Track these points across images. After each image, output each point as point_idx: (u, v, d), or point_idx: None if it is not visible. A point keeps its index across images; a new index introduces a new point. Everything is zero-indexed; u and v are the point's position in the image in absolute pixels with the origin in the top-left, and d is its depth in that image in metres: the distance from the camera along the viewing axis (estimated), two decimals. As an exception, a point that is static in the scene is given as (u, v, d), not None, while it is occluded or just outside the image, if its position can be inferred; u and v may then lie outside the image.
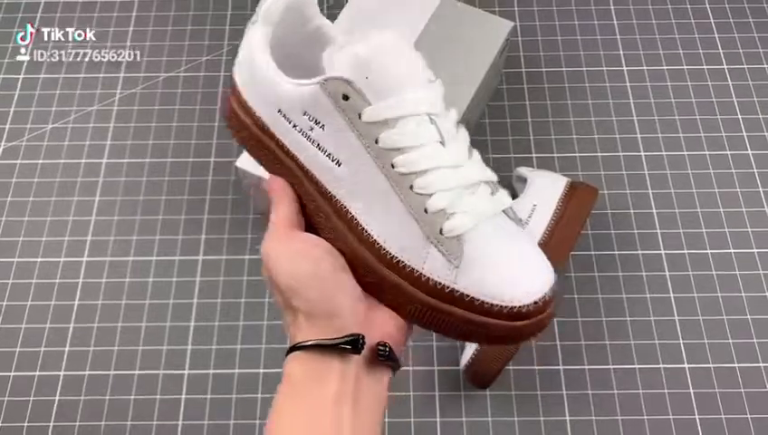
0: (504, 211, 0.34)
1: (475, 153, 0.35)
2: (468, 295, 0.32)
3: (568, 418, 0.59)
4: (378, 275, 0.34)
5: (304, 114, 0.34)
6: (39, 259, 0.66)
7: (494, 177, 0.35)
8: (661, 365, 0.61)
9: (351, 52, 0.33)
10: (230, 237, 0.67)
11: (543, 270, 0.33)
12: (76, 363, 0.61)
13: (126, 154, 0.72)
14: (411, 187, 0.32)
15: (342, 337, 0.32)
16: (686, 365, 0.61)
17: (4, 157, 0.71)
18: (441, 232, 0.32)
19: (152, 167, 0.71)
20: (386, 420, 0.58)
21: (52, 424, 0.59)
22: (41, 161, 0.71)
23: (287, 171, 0.38)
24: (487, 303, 0.32)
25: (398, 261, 0.33)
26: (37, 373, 0.61)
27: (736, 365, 0.61)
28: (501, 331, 0.32)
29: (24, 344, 0.62)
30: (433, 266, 0.32)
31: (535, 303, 0.32)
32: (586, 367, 0.61)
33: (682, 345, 0.62)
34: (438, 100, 0.34)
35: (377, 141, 0.33)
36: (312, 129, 0.34)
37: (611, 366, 0.61)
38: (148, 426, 0.59)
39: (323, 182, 0.35)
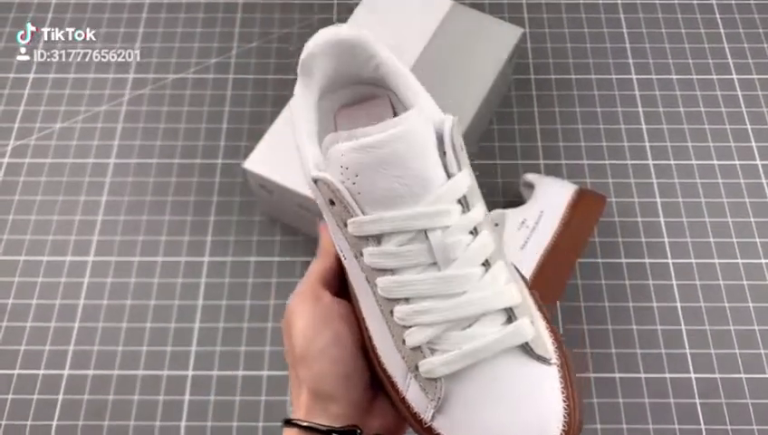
0: (524, 345, 0.28)
1: (496, 266, 0.29)
2: None
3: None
4: (379, 377, 0.31)
5: (316, 199, 0.31)
6: (45, 258, 0.66)
7: (514, 299, 0.28)
8: (667, 374, 0.60)
9: (345, 148, 0.27)
10: (236, 239, 0.67)
11: None
12: (80, 363, 0.61)
13: (134, 155, 0.72)
14: (392, 312, 0.28)
15: (341, 428, 0.30)
16: (692, 375, 0.60)
17: (13, 155, 0.72)
18: (417, 369, 0.28)
19: (159, 168, 0.71)
20: None
21: (55, 423, 0.59)
22: (49, 160, 0.71)
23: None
24: None
25: (390, 377, 0.30)
26: (41, 372, 0.61)
27: (743, 376, 0.60)
28: None
29: (28, 343, 0.62)
30: (414, 396, 0.29)
31: None
32: (591, 375, 0.60)
33: (688, 355, 0.61)
34: (449, 204, 0.28)
35: (361, 255, 0.29)
36: (324, 215, 0.31)
37: (617, 375, 0.60)
38: (150, 426, 0.59)
39: (343, 261, 0.32)
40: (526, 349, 0.28)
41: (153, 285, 0.65)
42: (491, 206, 0.68)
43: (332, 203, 0.28)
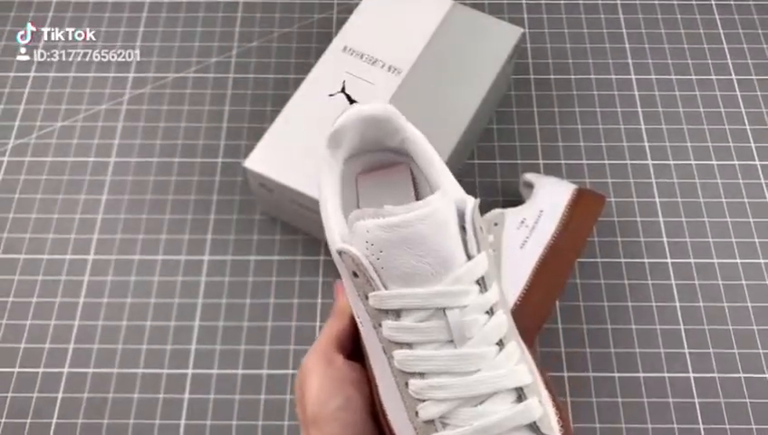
0: (532, 423, 0.29)
1: (510, 346, 0.30)
2: None
3: (571, 425, 0.58)
4: None
5: (338, 268, 0.32)
6: (45, 256, 0.66)
7: (525, 379, 0.29)
8: (666, 374, 0.61)
9: (371, 224, 0.29)
10: (236, 238, 0.67)
11: None
12: (80, 361, 0.61)
13: (134, 153, 0.72)
14: (407, 384, 0.29)
15: None
16: (690, 374, 0.60)
17: (13, 154, 0.72)
18: None
19: (160, 166, 0.71)
20: None
21: (54, 421, 0.59)
22: (49, 159, 0.71)
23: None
24: None
25: None
26: (41, 370, 0.61)
27: (741, 375, 0.60)
28: None
29: (28, 341, 0.62)
30: None
31: None
32: (591, 374, 0.61)
33: (687, 354, 0.61)
34: (468, 285, 0.29)
35: (380, 326, 0.30)
36: (344, 282, 0.32)
37: (616, 374, 0.61)
38: (150, 425, 0.59)
39: (359, 327, 0.33)
40: (533, 427, 0.29)
41: (153, 283, 0.65)
42: (491, 205, 0.68)
43: (356, 275, 0.30)
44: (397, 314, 0.29)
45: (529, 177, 0.66)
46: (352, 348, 0.36)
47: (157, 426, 0.59)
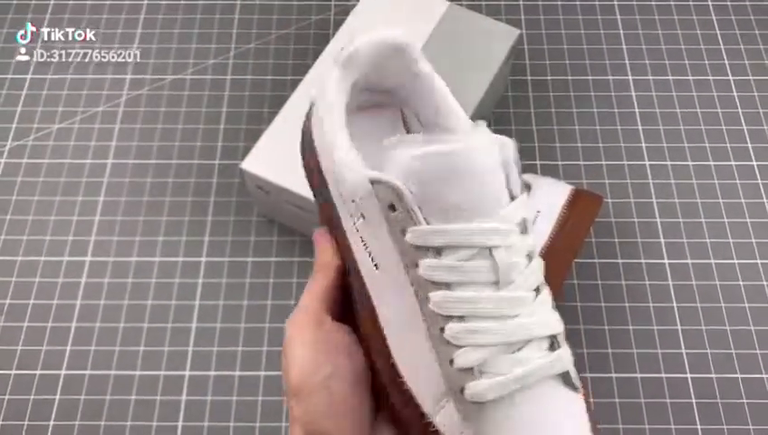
0: (564, 374, 0.27)
1: (545, 292, 0.28)
2: None
3: None
4: (392, 401, 0.29)
5: (353, 201, 0.29)
6: (42, 258, 0.66)
7: (558, 327, 0.28)
8: (663, 375, 0.61)
9: (418, 152, 0.26)
10: (233, 240, 0.67)
11: None
12: (77, 363, 0.61)
13: (131, 155, 0.72)
14: (442, 330, 0.27)
15: None
16: (688, 375, 0.60)
17: (10, 156, 0.72)
18: (462, 392, 0.27)
19: (157, 168, 0.71)
20: None
21: (52, 423, 0.59)
22: (46, 161, 0.71)
23: (340, 234, 0.32)
24: None
25: (412, 399, 0.28)
26: (38, 372, 0.61)
27: (739, 376, 0.60)
28: None
29: (25, 343, 0.62)
30: (445, 421, 0.27)
31: None
32: (588, 375, 0.61)
33: (684, 355, 0.61)
34: (513, 224, 0.27)
35: (416, 266, 0.27)
36: (358, 218, 0.29)
37: (613, 375, 0.61)
38: (147, 426, 0.59)
39: (363, 274, 0.30)
40: (566, 377, 0.28)
41: (150, 285, 0.65)
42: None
43: (393, 208, 0.27)
44: (437, 251, 0.27)
45: (526, 177, 0.66)
46: (341, 307, 0.32)
47: (154, 428, 0.59)
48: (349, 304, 0.32)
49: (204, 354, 0.62)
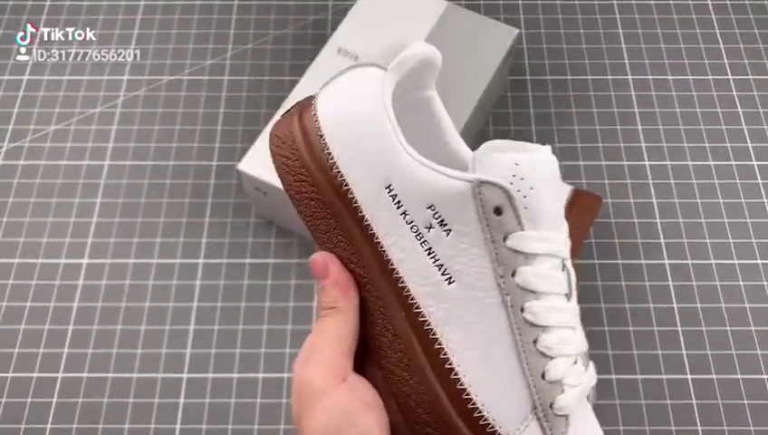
0: (592, 387, 0.29)
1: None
2: None
3: None
4: (446, 425, 0.27)
5: (429, 208, 0.27)
6: (39, 260, 0.66)
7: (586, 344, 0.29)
8: (664, 376, 0.60)
9: (524, 157, 0.26)
10: (231, 241, 0.67)
11: None
12: (74, 366, 0.61)
13: (128, 156, 0.71)
14: (535, 341, 0.26)
15: None
16: (688, 376, 0.60)
17: (7, 158, 0.71)
18: (551, 407, 0.26)
19: (154, 169, 0.71)
20: None
21: (49, 426, 0.58)
22: (43, 163, 0.71)
23: (354, 258, 0.29)
24: None
25: (484, 420, 0.26)
26: (35, 375, 0.61)
27: (739, 376, 0.60)
28: None
29: (22, 346, 0.62)
30: None
31: None
32: (588, 377, 0.60)
33: (685, 356, 0.61)
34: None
35: (514, 274, 0.26)
36: (430, 228, 0.27)
37: (613, 376, 0.60)
38: (145, 429, 0.58)
39: (415, 294, 0.27)
40: (591, 391, 0.29)
41: (148, 287, 0.64)
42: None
43: (498, 213, 0.26)
44: (528, 259, 0.26)
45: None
46: (358, 357, 0.30)
47: (152, 430, 0.58)
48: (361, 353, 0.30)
49: (202, 356, 0.61)
